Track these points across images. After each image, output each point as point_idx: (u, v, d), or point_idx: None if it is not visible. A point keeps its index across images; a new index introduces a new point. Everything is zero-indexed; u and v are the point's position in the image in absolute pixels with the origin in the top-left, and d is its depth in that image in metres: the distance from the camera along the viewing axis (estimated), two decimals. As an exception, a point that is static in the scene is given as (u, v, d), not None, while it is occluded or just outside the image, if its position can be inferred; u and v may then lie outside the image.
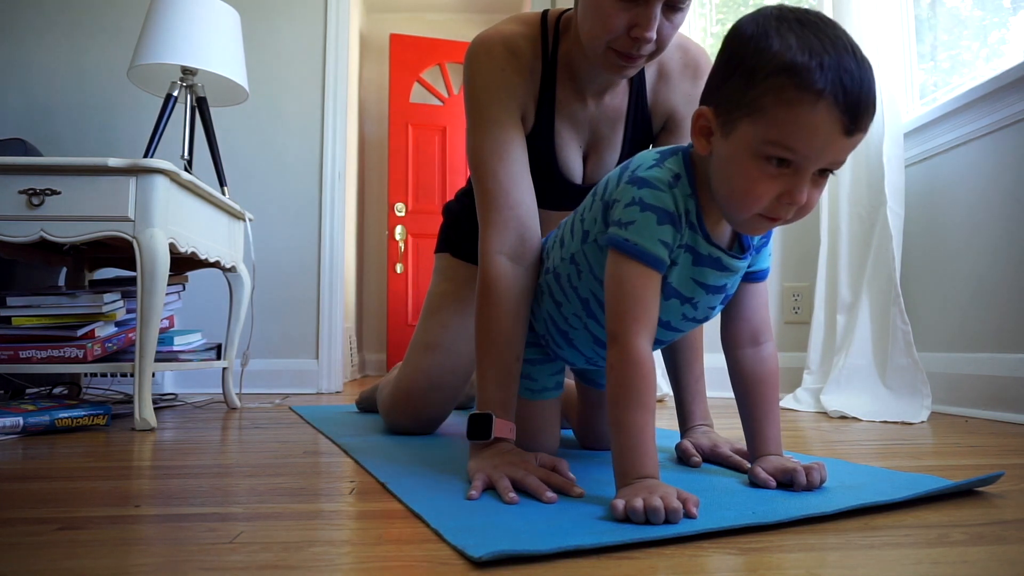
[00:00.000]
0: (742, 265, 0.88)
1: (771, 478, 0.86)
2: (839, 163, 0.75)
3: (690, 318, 0.90)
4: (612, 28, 0.97)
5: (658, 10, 0.95)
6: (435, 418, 1.42)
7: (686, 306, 0.88)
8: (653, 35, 0.97)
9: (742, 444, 1.00)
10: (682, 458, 1.06)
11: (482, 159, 1.04)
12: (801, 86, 0.70)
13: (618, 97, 1.16)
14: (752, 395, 0.93)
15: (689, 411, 1.14)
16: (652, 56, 1.03)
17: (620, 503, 0.70)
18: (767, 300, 0.96)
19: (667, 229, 0.80)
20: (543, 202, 1.13)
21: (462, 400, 2.04)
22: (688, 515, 0.70)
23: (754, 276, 0.93)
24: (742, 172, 0.75)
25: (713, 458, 1.04)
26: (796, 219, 0.79)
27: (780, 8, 0.76)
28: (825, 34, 0.72)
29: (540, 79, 1.10)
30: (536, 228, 1.04)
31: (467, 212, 1.45)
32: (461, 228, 1.45)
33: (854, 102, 0.70)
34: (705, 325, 1.01)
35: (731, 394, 0.95)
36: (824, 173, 0.76)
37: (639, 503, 0.69)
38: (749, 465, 0.93)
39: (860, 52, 0.73)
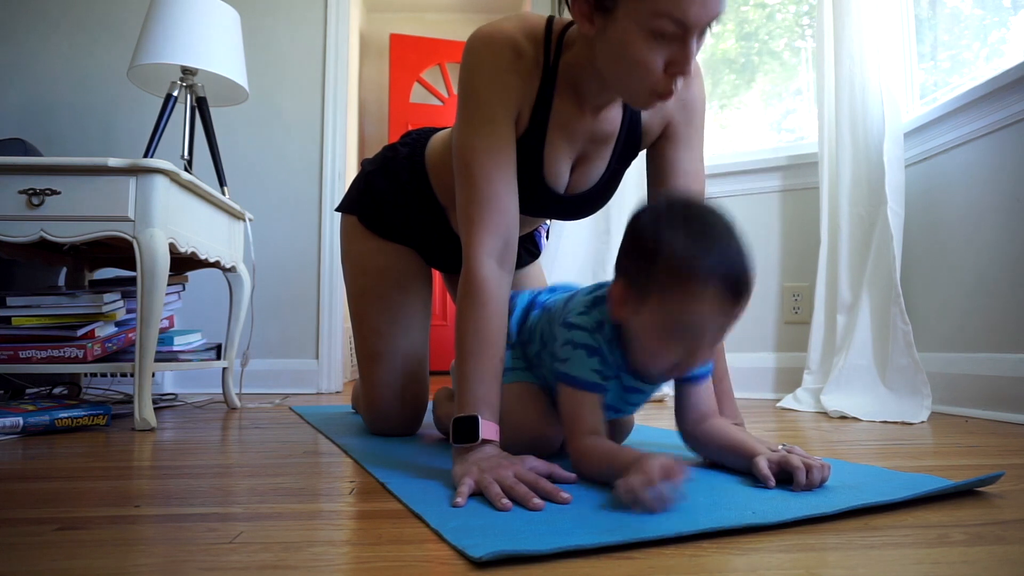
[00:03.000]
0: (660, 387, 1.06)
1: (771, 476, 0.86)
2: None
3: (632, 402, 1.07)
4: (651, 73, 0.93)
5: (695, 44, 0.90)
6: (416, 416, 1.42)
7: (622, 402, 1.04)
8: (691, 70, 0.93)
9: (770, 443, 1.00)
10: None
11: (475, 157, 1.02)
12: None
13: (613, 111, 1.14)
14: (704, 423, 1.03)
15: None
16: None
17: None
18: (710, 385, 1.05)
19: (596, 360, 0.95)
20: (521, 207, 1.09)
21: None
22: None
23: (691, 379, 1.01)
24: (650, 347, 0.90)
25: None
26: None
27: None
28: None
29: (539, 85, 1.08)
30: (517, 235, 1.04)
31: (391, 183, 1.38)
32: (381, 199, 1.39)
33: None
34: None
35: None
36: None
37: None
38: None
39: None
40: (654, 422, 1.65)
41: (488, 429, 0.91)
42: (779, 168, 2.55)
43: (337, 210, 1.50)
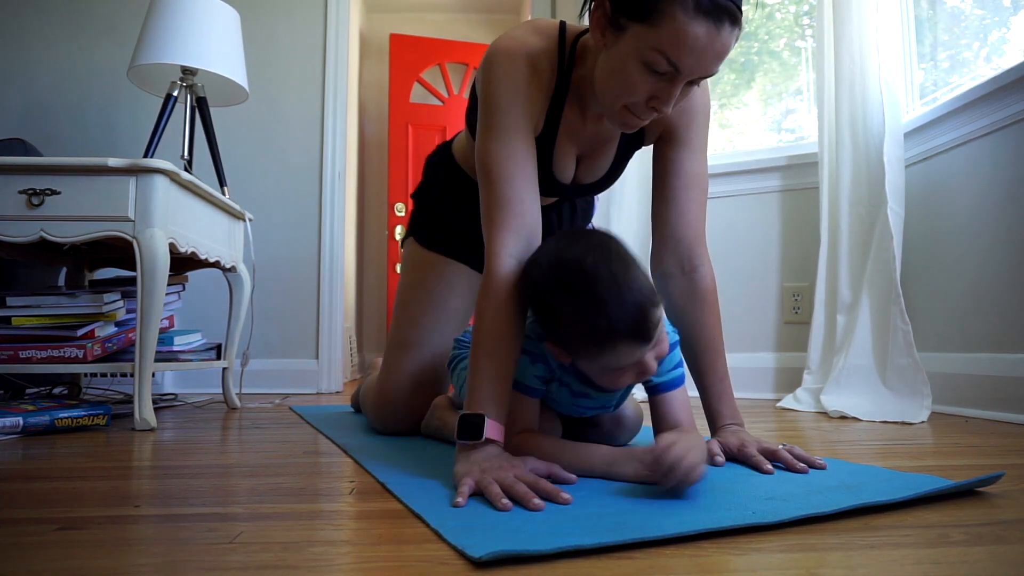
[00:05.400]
0: (614, 398, 1.09)
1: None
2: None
3: (583, 407, 1.09)
4: (633, 95, 1.00)
5: (680, 89, 0.99)
6: (422, 416, 1.42)
7: (573, 406, 1.08)
8: (670, 110, 1.01)
9: (770, 443, 1.02)
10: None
11: (497, 163, 1.06)
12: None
13: None
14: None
15: (716, 412, 1.13)
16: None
17: None
18: (682, 395, 1.05)
19: (540, 367, 1.01)
20: None
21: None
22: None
23: (663, 387, 1.04)
24: (598, 379, 0.98)
25: (740, 458, 1.03)
26: None
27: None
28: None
29: (552, 96, 1.14)
30: (539, 237, 1.06)
31: (434, 199, 1.49)
32: (429, 214, 1.49)
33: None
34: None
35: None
36: None
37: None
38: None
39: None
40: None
41: (493, 429, 0.91)
42: (779, 168, 2.55)
43: (401, 242, 1.57)
